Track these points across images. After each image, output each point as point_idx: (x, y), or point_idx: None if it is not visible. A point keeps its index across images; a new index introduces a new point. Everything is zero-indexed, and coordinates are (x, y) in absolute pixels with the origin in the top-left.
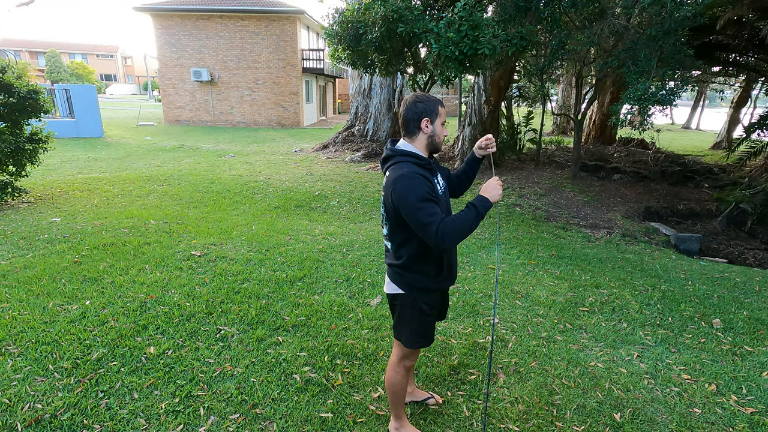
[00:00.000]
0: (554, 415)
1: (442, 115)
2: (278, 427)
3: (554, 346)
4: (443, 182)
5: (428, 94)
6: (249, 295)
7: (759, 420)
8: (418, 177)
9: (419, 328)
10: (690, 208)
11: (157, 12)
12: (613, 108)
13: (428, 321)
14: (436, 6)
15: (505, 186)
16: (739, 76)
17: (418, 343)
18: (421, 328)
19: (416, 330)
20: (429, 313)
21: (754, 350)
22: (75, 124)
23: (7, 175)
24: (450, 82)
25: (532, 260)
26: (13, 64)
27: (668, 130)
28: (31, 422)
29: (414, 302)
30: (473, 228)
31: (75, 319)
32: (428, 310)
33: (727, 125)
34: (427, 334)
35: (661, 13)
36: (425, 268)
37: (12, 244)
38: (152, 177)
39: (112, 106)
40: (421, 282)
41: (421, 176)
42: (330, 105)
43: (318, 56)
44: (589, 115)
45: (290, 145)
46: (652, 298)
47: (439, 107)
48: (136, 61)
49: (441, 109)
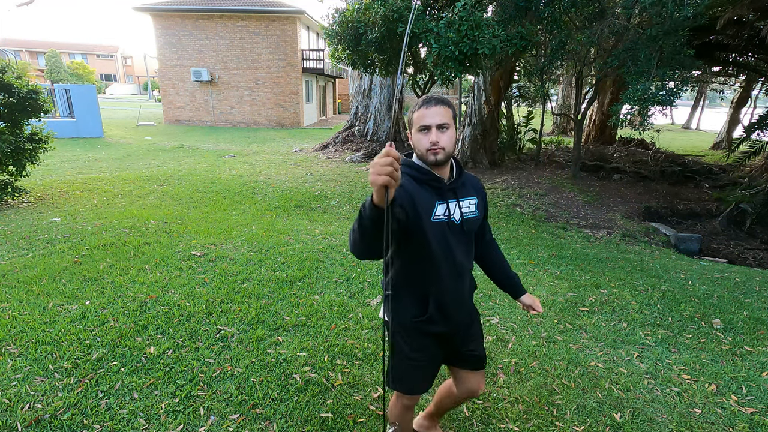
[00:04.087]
0: (554, 415)
1: (419, 120)
2: (278, 427)
3: (554, 346)
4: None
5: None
6: (249, 295)
7: (759, 420)
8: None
9: (396, 366)
10: (690, 208)
11: (157, 12)
12: (613, 108)
13: (409, 365)
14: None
15: (505, 186)
16: (739, 76)
17: (395, 384)
18: (398, 369)
19: (394, 368)
20: (410, 355)
21: (754, 350)
22: (75, 124)
23: (7, 175)
24: (450, 82)
25: (532, 260)
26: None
27: (668, 130)
28: (31, 422)
29: (393, 335)
30: (358, 230)
31: (75, 319)
32: (408, 352)
33: (727, 125)
34: (404, 379)
35: (661, 13)
36: (405, 299)
37: (12, 244)
38: (152, 177)
39: (112, 106)
40: (400, 315)
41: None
42: (330, 105)
43: (318, 56)
44: (589, 115)
45: (290, 145)
46: (652, 298)
47: (415, 112)
48: (136, 61)
49: (416, 114)
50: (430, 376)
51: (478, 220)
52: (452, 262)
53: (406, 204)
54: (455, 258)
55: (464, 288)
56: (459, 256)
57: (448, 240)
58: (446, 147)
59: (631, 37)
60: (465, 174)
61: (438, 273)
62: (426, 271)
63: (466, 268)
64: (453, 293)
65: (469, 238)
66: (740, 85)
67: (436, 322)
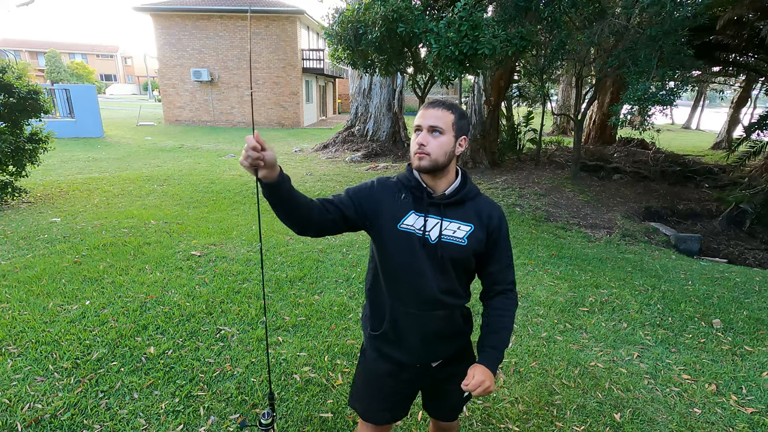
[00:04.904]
0: (554, 415)
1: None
2: (278, 427)
3: (554, 346)
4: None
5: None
6: (249, 295)
7: (759, 420)
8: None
9: (356, 379)
10: (690, 208)
11: (157, 12)
12: (613, 108)
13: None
14: (436, 6)
15: (505, 186)
16: (739, 76)
17: (352, 400)
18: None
19: (354, 381)
20: (372, 368)
21: (754, 350)
22: (75, 124)
23: (7, 175)
24: (450, 82)
25: (532, 260)
26: (13, 64)
27: (668, 130)
28: (31, 422)
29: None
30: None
31: (75, 319)
32: (371, 365)
33: (727, 125)
34: (363, 398)
35: (661, 14)
36: (366, 307)
37: (12, 244)
38: (152, 177)
39: (112, 106)
40: (364, 323)
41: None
42: (330, 105)
43: (318, 56)
44: (589, 115)
45: (290, 145)
46: (652, 298)
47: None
48: (136, 61)
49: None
50: (391, 407)
51: (464, 251)
52: (418, 285)
53: (365, 204)
54: (423, 281)
55: (434, 320)
56: (429, 282)
57: (416, 257)
58: (432, 153)
59: (631, 37)
60: (478, 197)
61: (398, 290)
62: (389, 284)
63: (441, 301)
64: (416, 319)
65: (447, 268)
66: (740, 85)
67: (391, 342)
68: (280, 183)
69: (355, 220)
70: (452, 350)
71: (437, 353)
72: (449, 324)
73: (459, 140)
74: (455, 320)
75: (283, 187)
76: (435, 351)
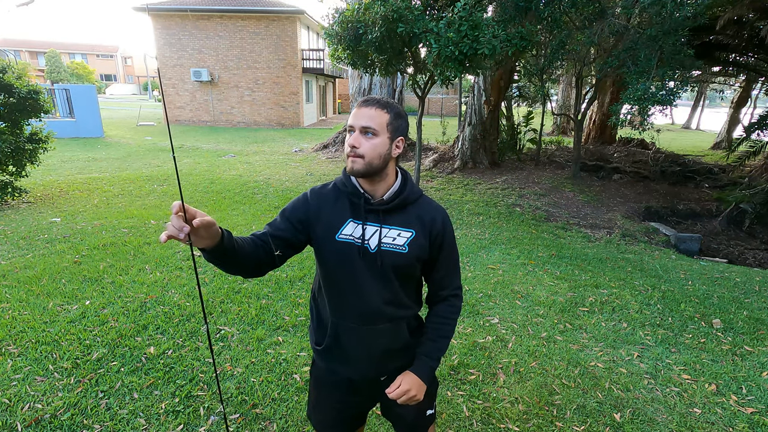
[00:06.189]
0: (554, 415)
1: (351, 117)
2: (278, 427)
3: (554, 346)
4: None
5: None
6: (249, 295)
7: (759, 420)
8: (304, 194)
9: (310, 390)
10: (690, 208)
11: (157, 12)
12: (613, 108)
13: (320, 395)
14: (436, 6)
15: (505, 186)
16: (739, 76)
17: (309, 410)
18: (310, 391)
19: (309, 391)
20: (323, 380)
21: (754, 350)
22: (75, 124)
23: (7, 175)
24: (450, 82)
25: (532, 260)
26: (14, 65)
27: (668, 130)
28: (31, 422)
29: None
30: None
31: (75, 319)
32: (323, 377)
33: (727, 125)
34: (316, 410)
35: (661, 14)
36: (313, 322)
37: (12, 244)
38: (152, 177)
39: (112, 106)
40: (310, 334)
41: (311, 194)
42: (330, 105)
43: (318, 56)
44: (589, 115)
45: (290, 145)
46: (652, 298)
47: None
48: (136, 61)
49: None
50: (345, 420)
51: (406, 258)
52: (359, 297)
53: (303, 219)
54: (365, 293)
55: (377, 335)
56: (371, 294)
57: (356, 268)
58: (366, 155)
59: (631, 37)
60: (419, 200)
61: (339, 303)
62: (330, 297)
63: (384, 313)
64: (358, 334)
65: (389, 277)
66: (740, 85)
67: (336, 357)
68: (219, 245)
69: (299, 240)
70: (400, 363)
71: (384, 368)
72: (395, 338)
73: (395, 141)
74: (401, 333)
75: (227, 247)
76: (381, 366)
